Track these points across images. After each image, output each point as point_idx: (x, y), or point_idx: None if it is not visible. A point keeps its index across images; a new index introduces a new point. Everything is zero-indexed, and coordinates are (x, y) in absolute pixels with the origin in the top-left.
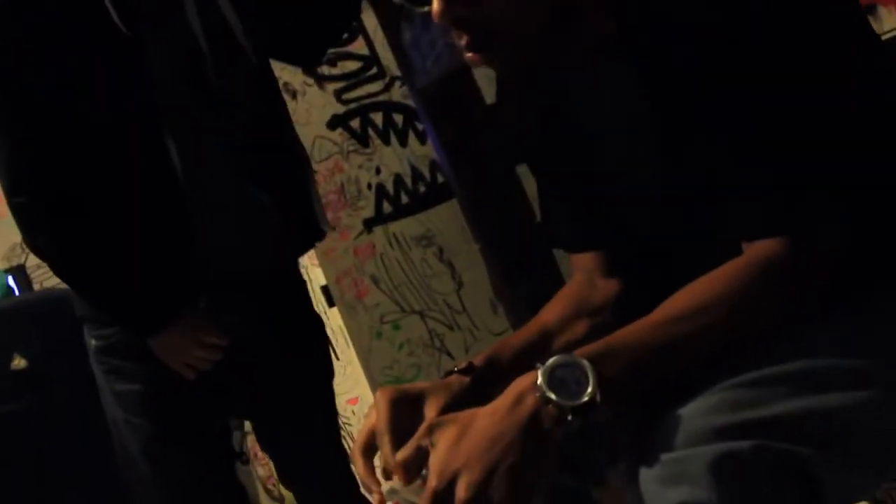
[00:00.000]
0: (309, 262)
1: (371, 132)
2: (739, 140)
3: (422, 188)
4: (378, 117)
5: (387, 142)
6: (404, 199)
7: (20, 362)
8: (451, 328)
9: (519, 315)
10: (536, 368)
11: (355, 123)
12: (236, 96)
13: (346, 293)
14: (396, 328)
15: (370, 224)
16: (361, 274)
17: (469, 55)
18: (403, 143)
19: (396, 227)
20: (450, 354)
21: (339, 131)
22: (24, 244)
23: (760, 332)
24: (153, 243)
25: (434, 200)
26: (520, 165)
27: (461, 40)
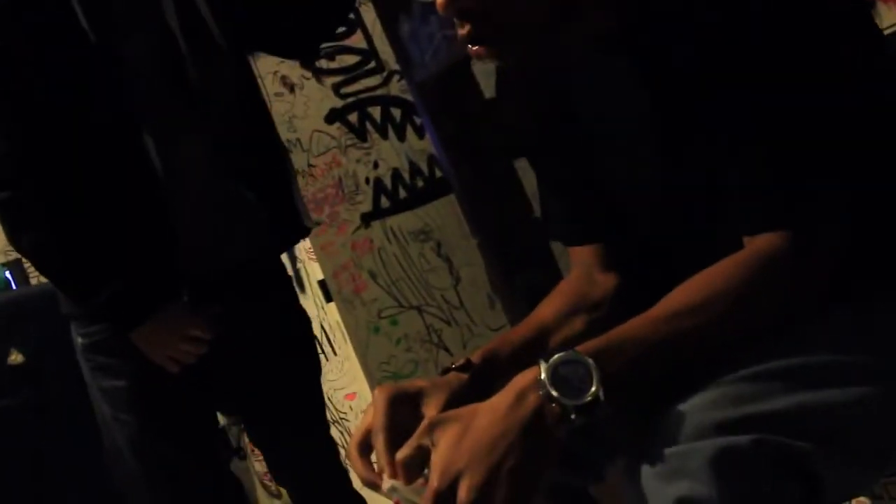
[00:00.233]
0: (306, 257)
1: (369, 126)
2: (739, 139)
3: (420, 183)
4: (376, 111)
5: (385, 136)
6: (402, 194)
7: (17, 357)
8: (449, 323)
9: (517, 310)
10: (538, 364)
11: (353, 117)
12: (216, 94)
13: (344, 288)
14: (394, 323)
15: (368, 218)
16: (359, 268)
17: (474, 48)
18: (401, 138)
19: (394, 222)
20: (447, 350)
21: (337, 125)
22: (8, 241)
23: (760, 328)
24: (134, 238)
25: (432, 195)
26: (518, 160)
27: (464, 31)
